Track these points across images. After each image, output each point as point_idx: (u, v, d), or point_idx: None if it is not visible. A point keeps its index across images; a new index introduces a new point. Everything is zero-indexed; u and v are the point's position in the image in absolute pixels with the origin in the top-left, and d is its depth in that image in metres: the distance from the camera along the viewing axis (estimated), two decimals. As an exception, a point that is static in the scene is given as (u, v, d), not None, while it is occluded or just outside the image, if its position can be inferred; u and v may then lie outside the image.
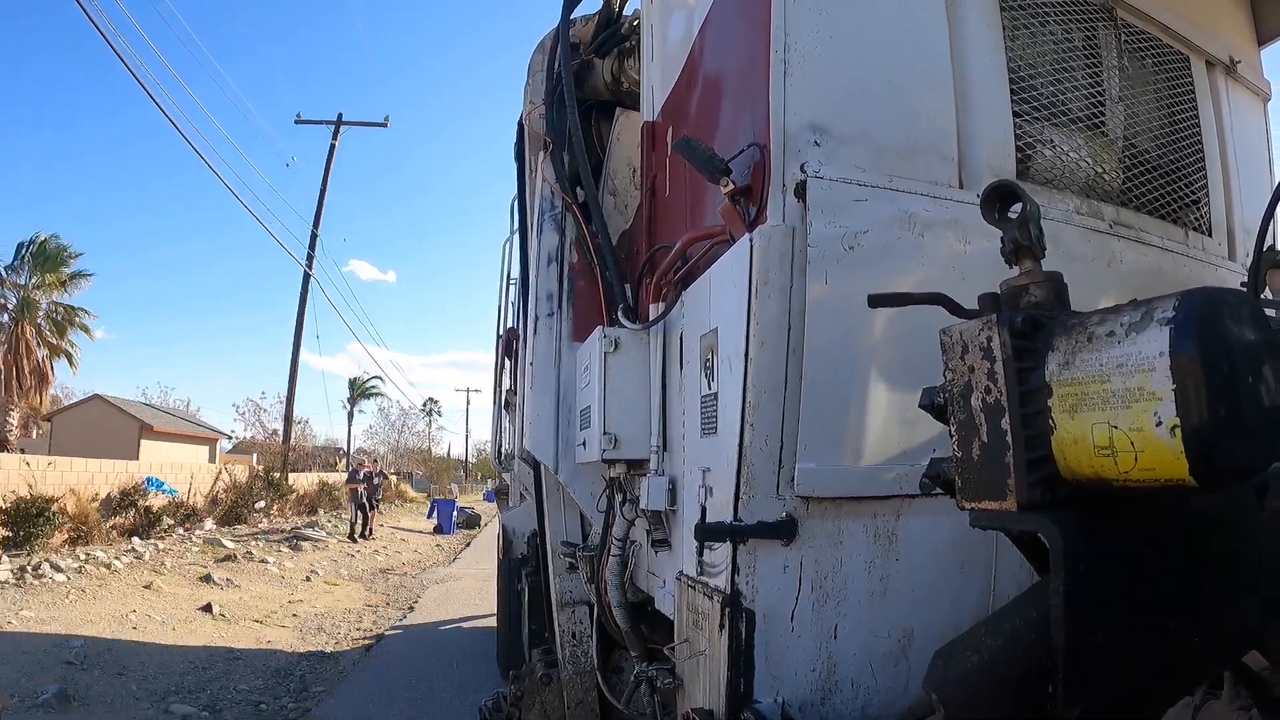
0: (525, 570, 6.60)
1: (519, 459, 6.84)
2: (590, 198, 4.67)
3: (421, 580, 20.23)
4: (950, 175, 2.96)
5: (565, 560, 4.90)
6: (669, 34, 4.29)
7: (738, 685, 2.66)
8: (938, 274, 2.76)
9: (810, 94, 2.82)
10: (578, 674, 4.89)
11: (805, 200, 2.71)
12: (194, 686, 9.84)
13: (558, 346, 4.68)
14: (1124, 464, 1.36)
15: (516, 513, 7.88)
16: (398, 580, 20.13)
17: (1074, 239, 3.10)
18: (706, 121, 3.55)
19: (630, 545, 4.07)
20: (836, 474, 2.71)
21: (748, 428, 2.68)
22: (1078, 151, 3.28)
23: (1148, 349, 1.33)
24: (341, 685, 10.36)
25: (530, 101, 5.67)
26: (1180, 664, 1.64)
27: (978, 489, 1.60)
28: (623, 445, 3.77)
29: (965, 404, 1.63)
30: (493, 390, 9.81)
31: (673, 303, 3.62)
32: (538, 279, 4.82)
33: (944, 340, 1.70)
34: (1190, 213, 3.63)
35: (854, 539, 2.77)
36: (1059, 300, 1.66)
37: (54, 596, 12.91)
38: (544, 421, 4.62)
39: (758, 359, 2.67)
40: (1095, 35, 3.45)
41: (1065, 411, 1.46)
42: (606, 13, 5.45)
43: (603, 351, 3.83)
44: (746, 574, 2.69)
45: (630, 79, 5.21)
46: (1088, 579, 1.45)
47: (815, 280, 2.68)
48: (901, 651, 2.81)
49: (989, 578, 2.90)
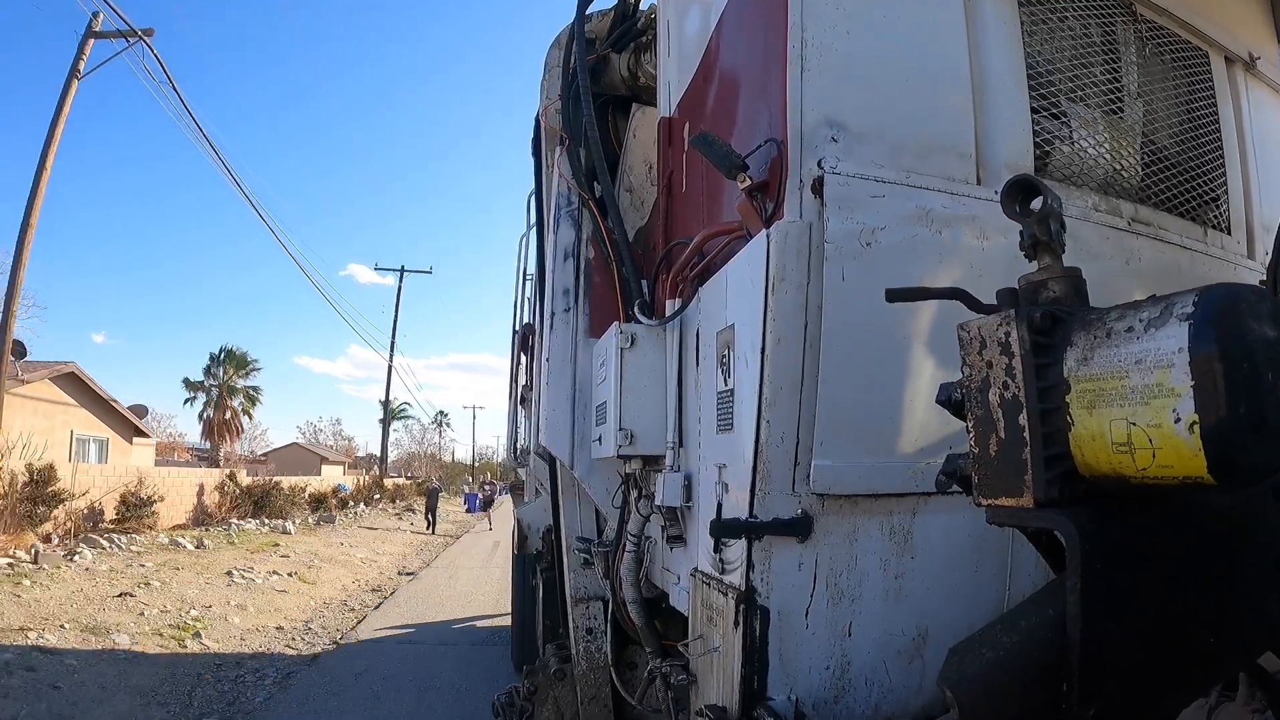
0: (540, 565, 6.61)
1: (534, 454, 6.84)
2: (607, 193, 4.67)
3: (466, 527, 39.62)
4: (968, 172, 2.95)
5: (580, 556, 4.89)
6: (685, 29, 4.28)
7: (751, 682, 2.66)
8: (955, 270, 2.75)
9: (827, 90, 2.81)
10: (591, 669, 4.90)
11: (822, 196, 2.71)
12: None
13: (574, 342, 4.68)
14: (1142, 461, 1.36)
15: (531, 508, 7.88)
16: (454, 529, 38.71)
17: (1092, 236, 3.08)
18: (723, 117, 3.54)
19: (645, 541, 4.07)
20: (852, 471, 2.71)
21: (764, 424, 2.68)
22: (1096, 148, 3.27)
23: (1167, 345, 1.32)
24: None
25: (547, 97, 5.66)
26: (1195, 664, 1.63)
27: (994, 485, 1.59)
28: (638, 441, 3.77)
29: (983, 400, 1.62)
30: (509, 386, 9.80)
31: (689, 299, 3.62)
32: (554, 275, 4.82)
33: (962, 335, 1.70)
34: (1209, 210, 3.60)
35: (869, 536, 2.77)
36: (1078, 296, 1.65)
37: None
38: (560, 417, 4.62)
39: (774, 355, 2.66)
40: (1113, 31, 3.43)
41: (1083, 408, 1.45)
42: (622, 8, 5.45)
43: (619, 347, 3.83)
44: (761, 571, 2.69)
45: (646, 74, 5.20)
46: (1104, 577, 1.44)
47: (832, 276, 2.67)
48: (916, 650, 2.80)
49: (1005, 576, 2.89)
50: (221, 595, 14.73)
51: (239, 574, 16.72)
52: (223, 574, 16.55)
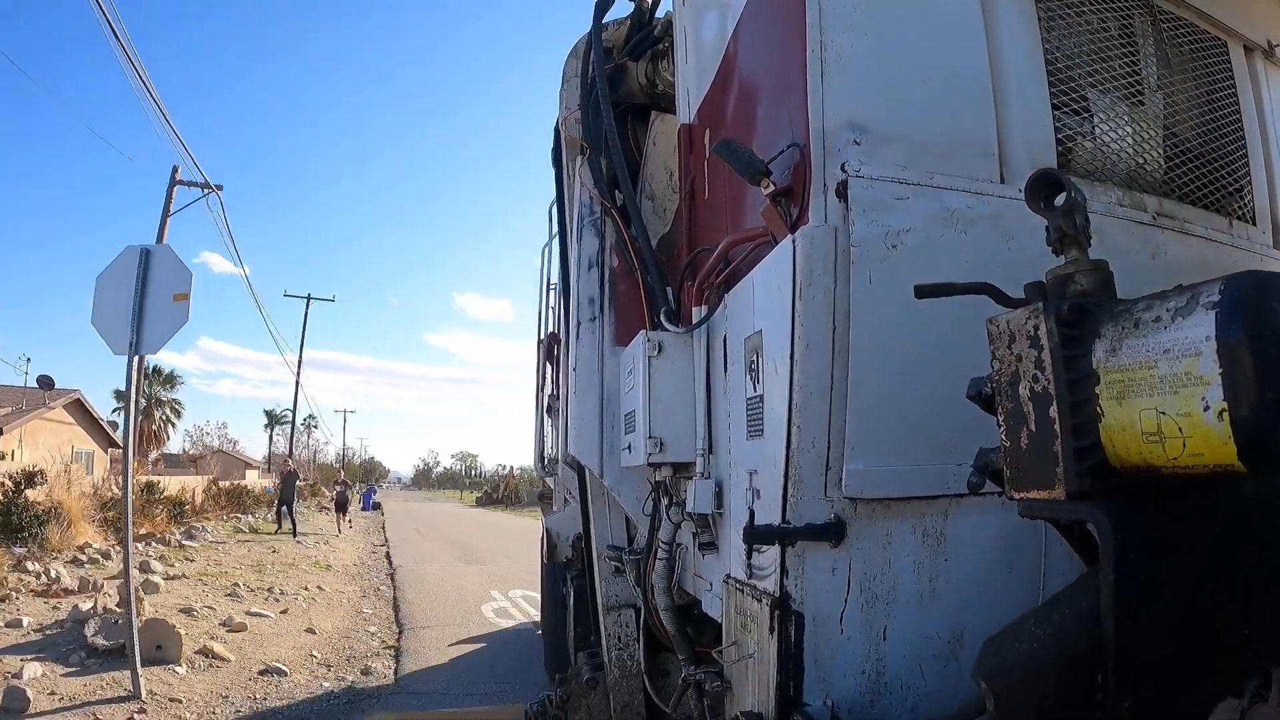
0: (570, 574, 6.60)
1: (563, 463, 6.85)
2: (629, 201, 4.69)
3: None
4: (991, 170, 2.94)
5: (611, 564, 4.90)
6: (702, 36, 4.29)
7: (787, 688, 2.65)
8: (982, 269, 2.74)
9: (848, 93, 2.81)
10: (624, 677, 4.89)
11: (847, 200, 2.71)
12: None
13: (600, 351, 4.69)
14: (1172, 450, 1.36)
15: (560, 516, 7.86)
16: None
17: (1117, 231, 3.07)
18: (744, 123, 3.55)
19: (677, 548, 4.07)
20: (884, 474, 2.71)
21: (794, 429, 2.68)
22: (1118, 142, 3.25)
23: (1194, 333, 1.33)
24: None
25: (566, 107, 5.69)
26: (1230, 655, 1.62)
27: (1026, 478, 1.59)
28: (668, 449, 3.78)
29: (1013, 393, 1.63)
30: (535, 395, 9.79)
31: (715, 305, 3.62)
32: (578, 284, 4.84)
33: (991, 330, 1.70)
34: (1233, 201, 3.58)
35: (902, 540, 2.76)
36: (1105, 288, 1.66)
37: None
38: (588, 426, 4.64)
39: (803, 360, 2.66)
40: (1131, 23, 3.42)
41: (1113, 399, 1.46)
42: (638, 16, 5.46)
43: (646, 355, 3.83)
44: (795, 576, 2.68)
45: (665, 81, 5.21)
46: (1137, 568, 1.44)
47: (859, 280, 2.68)
48: (951, 653, 2.79)
49: (1039, 576, 2.86)
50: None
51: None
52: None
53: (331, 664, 10.60)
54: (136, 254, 8.92)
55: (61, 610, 11.06)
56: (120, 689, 8.33)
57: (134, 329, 8.70)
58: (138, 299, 8.74)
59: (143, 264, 8.86)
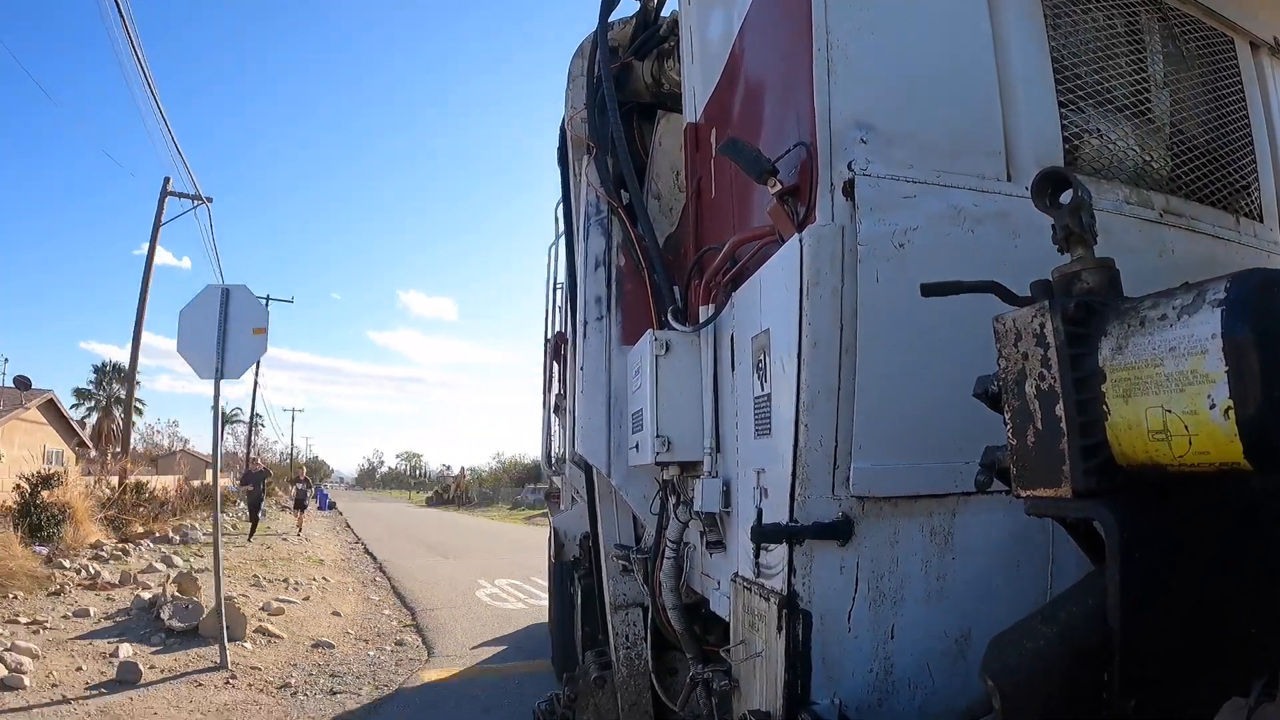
0: (578, 573, 6.59)
1: (570, 462, 6.85)
2: (635, 201, 4.68)
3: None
4: (998, 168, 2.94)
5: (619, 563, 4.90)
6: (708, 34, 4.28)
7: (795, 686, 2.65)
8: (989, 268, 2.73)
9: (855, 91, 2.81)
10: (631, 676, 4.90)
11: (854, 198, 2.71)
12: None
13: (607, 350, 4.69)
14: (1178, 448, 1.36)
15: (567, 515, 7.86)
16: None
17: (1124, 229, 3.06)
18: (750, 122, 3.55)
19: (684, 547, 4.06)
20: (892, 473, 2.70)
21: (802, 428, 2.68)
22: (1125, 140, 3.25)
23: (1200, 331, 1.32)
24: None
25: (571, 107, 5.68)
26: (1237, 652, 1.62)
27: (1032, 476, 1.59)
28: (675, 447, 3.77)
29: (1019, 391, 1.63)
30: (542, 394, 9.78)
31: (722, 304, 3.62)
32: (585, 283, 4.83)
33: (997, 328, 1.70)
34: (1241, 198, 3.57)
35: (910, 538, 2.76)
36: (1111, 286, 1.66)
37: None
38: (595, 425, 4.63)
39: (811, 359, 2.66)
40: (1137, 20, 3.41)
41: (1119, 397, 1.46)
42: (643, 15, 5.46)
43: (653, 354, 3.83)
44: (803, 575, 2.68)
45: (671, 80, 5.20)
46: (1143, 565, 1.44)
47: (866, 279, 2.67)
48: (959, 651, 2.78)
49: (1046, 575, 2.86)
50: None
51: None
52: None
53: (367, 639, 11.99)
54: (217, 293, 10.28)
55: (115, 601, 12.27)
56: (206, 662, 9.68)
57: (219, 356, 10.09)
58: (220, 331, 10.12)
59: (224, 302, 10.19)
